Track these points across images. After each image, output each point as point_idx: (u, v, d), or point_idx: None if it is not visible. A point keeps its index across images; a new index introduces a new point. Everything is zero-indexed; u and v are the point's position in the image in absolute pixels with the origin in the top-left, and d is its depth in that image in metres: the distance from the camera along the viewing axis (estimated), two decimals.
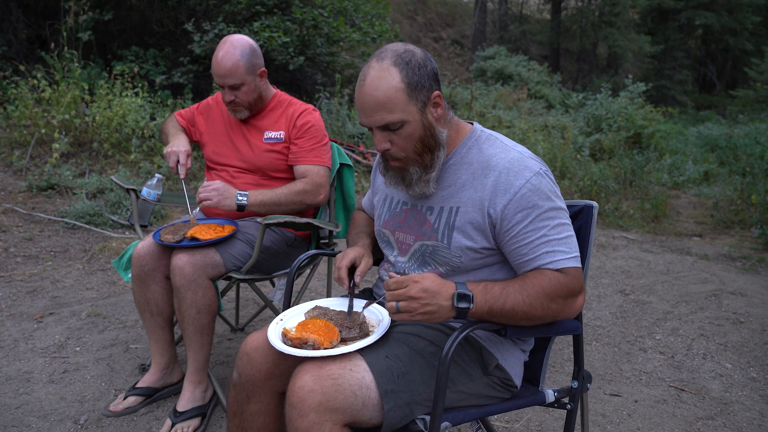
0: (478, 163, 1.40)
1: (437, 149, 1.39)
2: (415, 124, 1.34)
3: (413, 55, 1.32)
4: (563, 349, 2.84)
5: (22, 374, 2.37)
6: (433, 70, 1.35)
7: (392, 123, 1.32)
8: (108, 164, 5.54)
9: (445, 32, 18.50)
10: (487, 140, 1.44)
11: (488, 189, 1.35)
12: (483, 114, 9.27)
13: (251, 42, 2.17)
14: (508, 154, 1.38)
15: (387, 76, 1.30)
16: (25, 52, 7.04)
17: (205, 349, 2.04)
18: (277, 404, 1.45)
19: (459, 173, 1.42)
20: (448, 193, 1.42)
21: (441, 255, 1.41)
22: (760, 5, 19.49)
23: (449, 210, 1.40)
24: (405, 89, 1.30)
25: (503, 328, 1.32)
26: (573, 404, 1.56)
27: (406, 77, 1.30)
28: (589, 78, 18.13)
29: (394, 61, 1.30)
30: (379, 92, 1.30)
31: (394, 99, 1.30)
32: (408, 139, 1.35)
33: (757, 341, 3.04)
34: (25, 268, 3.53)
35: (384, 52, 1.34)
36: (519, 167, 1.34)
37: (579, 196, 6.35)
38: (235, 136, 2.29)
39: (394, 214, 1.52)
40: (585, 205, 1.56)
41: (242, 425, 1.45)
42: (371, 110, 1.32)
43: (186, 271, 1.90)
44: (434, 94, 1.35)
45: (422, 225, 1.44)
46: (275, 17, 7.33)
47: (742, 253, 4.71)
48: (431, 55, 1.97)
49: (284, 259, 2.26)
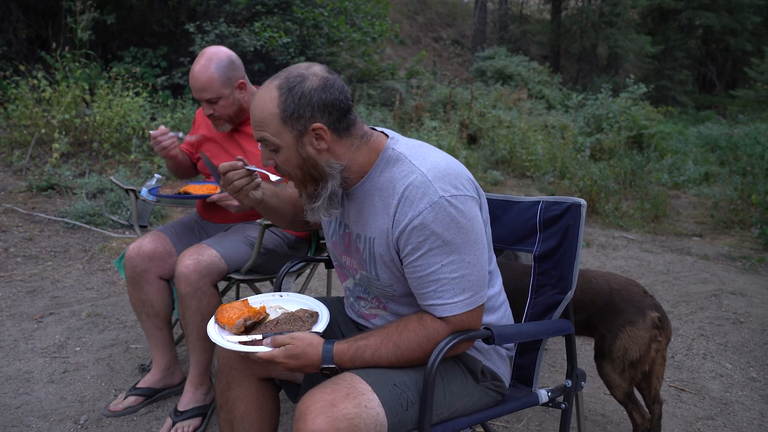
0: (385, 188, 1.30)
1: (323, 181, 1.30)
2: (289, 152, 1.27)
3: (302, 82, 1.24)
4: (563, 349, 2.83)
5: (22, 374, 2.37)
6: (322, 101, 1.24)
7: (266, 143, 1.28)
8: (108, 164, 5.54)
9: (445, 32, 18.51)
10: (396, 160, 1.31)
11: (390, 218, 1.27)
12: (483, 114, 9.27)
13: (229, 53, 2.09)
14: (410, 177, 1.26)
15: (267, 97, 1.26)
16: (25, 52, 7.04)
17: (208, 353, 2.05)
18: (257, 390, 1.46)
19: (372, 200, 1.32)
20: (365, 221, 1.34)
21: (375, 287, 1.39)
22: (760, 5, 19.49)
23: (368, 240, 1.34)
24: (279, 114, 1.24)
25: (489, 336, 1.31)
26: (568, 403, 1.55)
27: (283, 103, 1.24)
28: (589, 78, 18.12)
29: (280, 84, 1.25)
30: (257, 110, 1.27)
31: (266, 120, 1.26)
32: (285, 163, 1.30)
33: (757, 341, 3.04)
34: (25, 268, 3.53)
35: (284, 71, 1.29)
36: (416, 194, 1.23)
37: (579, 196, 6.34)
38: (229, 145, 2.24)
39: (339, 236, 1.46)
40: (572, 203, 1.53)
41: (228, 417, 1.47)
42: (252, 125, 1.30)
43: (191, 279, 1.90)
44: (315, 125, 1.24)
45: (356, 252, 1.40)
46: (276, 17, 7.33)
47: (742, 253, 4.71)
48: (433, 56, 1.93)
49: (285, 260, 2.25)
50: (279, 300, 1.52)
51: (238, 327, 1.35)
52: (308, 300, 1.51)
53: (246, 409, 1.45)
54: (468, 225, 1.25)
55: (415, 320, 1.29)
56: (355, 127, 1.31)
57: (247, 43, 6.73)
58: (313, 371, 1.28)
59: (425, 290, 1.27)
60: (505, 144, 8.08)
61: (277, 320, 1.39)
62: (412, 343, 1.27)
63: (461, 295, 1.26)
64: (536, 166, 7.58)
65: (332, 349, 1.26)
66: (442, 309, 1.26)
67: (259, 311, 1.41)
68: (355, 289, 1.49)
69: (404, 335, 1.28)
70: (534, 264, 1.61)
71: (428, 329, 1.27)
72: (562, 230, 1.55)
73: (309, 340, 1.27)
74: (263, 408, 1.48)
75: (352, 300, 1.52)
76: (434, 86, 11.19)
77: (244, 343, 1.30)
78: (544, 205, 1.60)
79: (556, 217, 1.57)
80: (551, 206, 1.59)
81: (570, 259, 1.52)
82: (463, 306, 1.26)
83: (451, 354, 1.31)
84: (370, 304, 1.46)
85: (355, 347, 1.27)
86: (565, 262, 1.54)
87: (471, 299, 1.27)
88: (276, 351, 1.25)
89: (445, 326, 1.27)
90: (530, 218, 1.62)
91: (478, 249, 1.27)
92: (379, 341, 1.28)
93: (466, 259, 1.25)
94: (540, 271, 1.60)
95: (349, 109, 1.30)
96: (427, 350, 1.26)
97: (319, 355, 1.26)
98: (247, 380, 1.45)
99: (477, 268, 1.27)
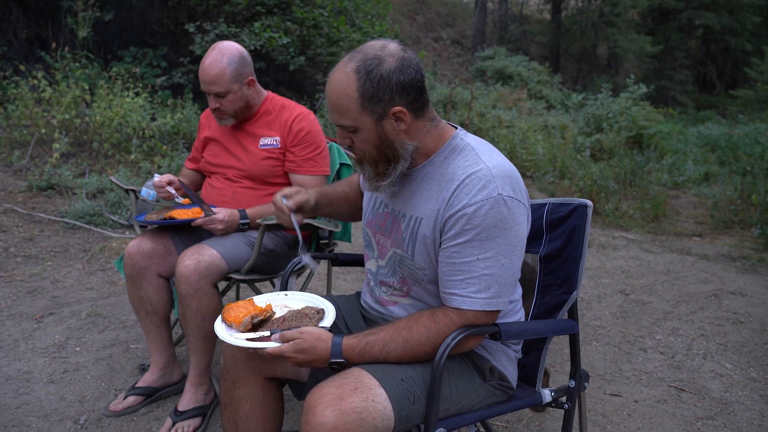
0: (446, 174, 1.33)
1: (395, 161, 1.33)
2: (368, 133, 1.29)
3: (380, 65, 1.24)
4: (563, 349, 2.84)
5: (22, 374, 2.37)
6: (400, 83, 1.25)
7: (346, 126, 1.30)
8: (108, 164, 5.54)
9: (445, 32, 18.51)
10: (462, 151, 1.34)
11: (445, 202, 1.29)
12: (483, 114, 9.26)
13: (241, 50, 2.12)
14: (474, 167, 1.29)
15: (344, 81, 1.25)
16: (25, 52, 7.04)
17: (208, 353, 2.04)
18: (262, 389, 1.47)
19: (430, 183, 1.35)
20: (417, 202, 1.37)
21: (407, 267, 1.39)
22: (760, 5, 19.49)
23: (415, 220, 1.36)
24: (357, 98, 1.25)
25: (497, 333, 1.32)
26: (571, 404, 1.56)
27: (362, 87, 1.24)
28: (589, 78, 18.13)
29: (357, 67, 1.25)
30: (334, 94, 1.27)
31: (345, 105, 1.26)
32: (363, 143, 1.32)
33: (757, 341, 3.04)
34: (25, 268, 3.53)
35: (358, 52, 1.28)
36: (477, 184, 1.26)
37: (579, 196, 6.35)
38: (229, 142, 2.25)
39: (376, 215, 1.49)
40: (579, 204, 1.54)
41: (232, 415, 1.47)
42: (330, 108, 1.31)
43: (192, 279, 1.90)
44: (395, 108, 1.26)
45: (396, 231, 1.41)
46: (275, 17, 7.33)
47: (742, 253, 4.71)
48: (433, 56, 1.94)
49: (285, 260, 2.25)
50: (284, 299, 1.53)
51: (245, 325, 1.36)
52: (313, 297, 1.52)
53: (251, 408, 1.46)
54: (514, 229, 1.26)
55: (426, 315, 1.30)
56: (428, 107, 1.34)
57: (246, 43, 6.73)
58: (321, 366, 1.28)
59: (453, 278, 1.28)
60: (505, 144, 8.08)
61: (284, 317, 1.40)
62: (421, 338, 1.27)
63: (485, 293, 1.26)
64: (536, 166, 7.59)
65: (341, 344, 1.27)
66: (462, 301, 1.27)
67: (266, 309, 1.42)
68: (379, 272, 1.49)
69: (414, 330, 1.28)
70: (540, 265, 1.62)
71: (439, 324, 1.28)
72: (568, 231, 1.57)
73: (318, 334, 1.27)
74: (268, 407, 1.48)
75: (373, 284, 1.52)
76: (434, 86, 11.19)
77: (252, 340, 1.31)
78: (550, 207, 1.62)
79: (562, 218, 1.59)
80: (557, 208, 1.60)
81: (576, 260, 1.54)
82: (483, 304, 1.27)
83: (459, 350, 1.31)
84: (392, 289, 1.46)
85: (364, 342, 1.28)
86: (571, 263, 1.55)
87: (492, 300, 1.28)
88: (285, 346, 1.25)
89: (458, 321, 1.28)
90: (536, 220, 1.64)
91: (515, 255, 1.28)
92: (389, 336, 1.28)
93: (501, 260, 1.26)
94: (546, 271, 1.61)
95: (424, 87, 1.31)
96: (436, 345, 1.26)
97: (328, 349, 1.26)
98: (253, 379, 1.46)
99: (509, 272, 1.28)
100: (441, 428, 1.28)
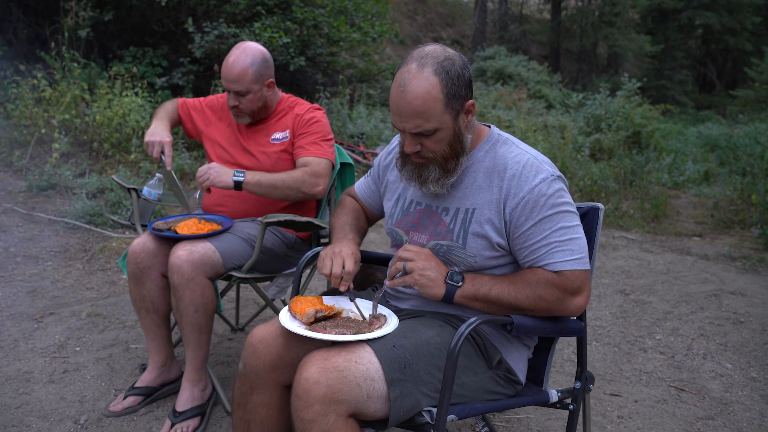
0: (494, 165, 1.43)
1: (462, 155, 1.42)
2: (447, 131, 1.37)
3: (453, 64, 1.34)
4: (563, 349, 2.84)
5: (22, 374, 2.37)
6: (469, 78, 1.37)
7: (427, 131, 1.35)
8: (108, 164, 5.54)
9: (445, 32, 18.50)
10: (504, 143, 1.47)
11: (503, 191, 1.39)
12: (483, 114, 9.26)
13: (264, 51, 2.18)
14: (522, 157, 1.41)
15: (427, 86, 1.31)
16: (25, 52, 7.03)
17: (204, 348, 2.03)
18: (279, 397, 1.47)
19: (476, 176, 1.45)
20: (464, 194, 1.46)
21: (456, 255, 1.44)
22: (760, 5, 19.48)
23: (465, 211, 1.44)
24: (443, 99, 1.32)
25: (510, 323, 1.34)
26: (575, 405, 1.56)
27: (446, 87, 1.32)
28: (589, 78, 18.12)
29: (435, 70, 1.31)
30: (418, 101, 1.31)
31: (431, 109, 1.32)
32: (438, 143, 1.39)
33: (757, 341, 3.04)
34: (25, 268, 3.53)
35: (425, 57, 1.33)
36: (531, 171, 1.38)
37: (579, 196, 6.35)
38: (243, 137, 2.29)
39: (407, 214, 1.55)
40: (591, 208, 1.59)
41: (245, 417, 1.47)
42: (408, 116, 1.34)
43: (184, 269, 1.90)
44: (468, 103, 1.38)
45: (437, 225, 1.48)
46: (275, 17, 7.33)
47: (742, 253, 4.71)
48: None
49: (284, 260, 2.25)
50: (351, 304, 1.55)
51: (309, 317, 1.41)
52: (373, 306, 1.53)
53: (267, 414, 1.46)
54: (570, 200, 1.41)
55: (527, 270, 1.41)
56: None
57: None
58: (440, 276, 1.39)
59: (536, 255, 1.38)
60: None
61: (348, 318, 1.45)
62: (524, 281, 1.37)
63: (573, 255, 1.36)
64: None
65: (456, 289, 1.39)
66: (555, 265, 1.36)
67: (330, 307, 1.47)
68: None
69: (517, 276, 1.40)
70: None
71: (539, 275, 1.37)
72: None
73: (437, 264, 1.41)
74: (282, 414, 1.49)
75: None
76: None
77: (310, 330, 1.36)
78: None
79: None
80: None
81: None
82: (574, 264, 1.36)
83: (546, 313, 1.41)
84: None
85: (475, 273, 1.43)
86: None
87: (581, 260, 1.37)
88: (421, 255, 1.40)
89: (558, 278, 1.36)
90: None
91: (578, 218, 1.42)
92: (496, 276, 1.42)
93: (572, 226, 1.38)
94: None
95: None
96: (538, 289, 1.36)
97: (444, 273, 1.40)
98: (272, 388, 1.46)
99: (581, 233, 1.40)
100: (453, 415, 1.30)
